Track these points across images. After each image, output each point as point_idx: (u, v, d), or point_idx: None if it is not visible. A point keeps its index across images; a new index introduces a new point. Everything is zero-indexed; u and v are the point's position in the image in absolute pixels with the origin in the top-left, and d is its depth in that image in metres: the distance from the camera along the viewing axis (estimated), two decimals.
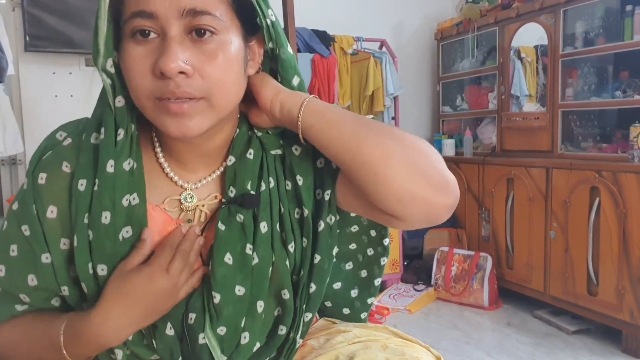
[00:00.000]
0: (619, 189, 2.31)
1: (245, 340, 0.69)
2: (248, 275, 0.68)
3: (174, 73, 0.57)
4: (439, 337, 2.56)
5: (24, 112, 2.77)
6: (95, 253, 0.64)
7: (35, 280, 0.66)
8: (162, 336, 0.67)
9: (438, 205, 0.62)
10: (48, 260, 0.65)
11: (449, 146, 3.53)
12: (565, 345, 2.44)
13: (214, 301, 0.66)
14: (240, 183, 0.69)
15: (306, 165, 0.72)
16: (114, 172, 0.64)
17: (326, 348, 0.77)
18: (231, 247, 0.67)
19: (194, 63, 0.59)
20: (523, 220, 2.86)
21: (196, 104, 0.60)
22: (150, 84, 0.59)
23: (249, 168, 0.70)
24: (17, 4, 2.66)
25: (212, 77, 0.60)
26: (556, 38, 2.78)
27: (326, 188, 0.71)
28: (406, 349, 0.74)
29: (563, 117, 2.82)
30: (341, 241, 0.82)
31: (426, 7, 3.87)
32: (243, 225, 0.68)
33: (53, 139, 0.69)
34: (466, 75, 3.55)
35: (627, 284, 2.29)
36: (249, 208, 0.68)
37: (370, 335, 0.79)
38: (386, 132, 0.63)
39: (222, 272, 0.66)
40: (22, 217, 0.66)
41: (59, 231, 0.65)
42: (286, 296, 0.70)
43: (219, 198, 0.71)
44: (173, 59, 0.57)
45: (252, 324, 0.69)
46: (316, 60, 3.15)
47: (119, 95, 0.64)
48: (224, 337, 0.67)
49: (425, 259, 3.32)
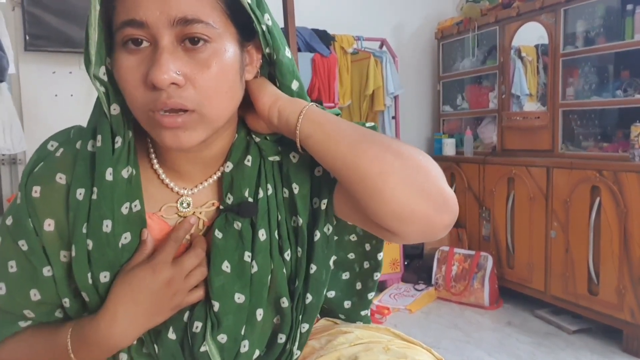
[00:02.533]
0: (619, 189, 2.31)
1: (245, 349, 0.68)
2: (247, 284, 0.67)
3: (165, 85, 0.56)
4: (440, 336, 2.56)
5: (24, 111, 2.77)
6: (96, 262, 0.63)
7: (38, 295, 0.65)
8: (164, 341, 0.67)
9: (436, 223, 0.60)
10: (49, 273, 0.64)
11: (449, 146, 3.53)
12: (566, 344, 2.44)
13: (214, 309, 0.66)
14: (237, 190, 0.68)
15: (303, 173, 0.71)
16: (112, 180, 0.63)
17: (328, 349, 0.77)
18: (229, 255, 0.66)
19: (186, 72, 0.57)
20: (524, 220, 2.86)
21: (189, 118, 0.59)
22: (142, 96, 0.58)
23: (247, 175, 0.69)
24: (17, 3, 2.66)
25: (204, 87, 0.58)
26: (557, 37, 2.78)
27: (323, 197, 0.70)
28: (408, 351, 0.74)
29: (564, 116, 2.82)
30: (341, 248, 0.81)
31: (426, 7, 3.87)
32: (241, 233, 0.67)
33: (44, 150, 0.67)
34: (467, 74, 3.55)
35: (628, 284, 2.29)
36: (246, 216, 0.67)
37: (372, 337, 0.79)
38: (386, 146, 0.61)
39: (220, 280, 0.66)
40: (17, 232, 0.64)
41: (58, 244, 0.64)
42: (285, 304, 0.70)
43: (216, 205, 0.70)
44: (164, 70, 0.55)
45: (252, 332, 0.69)
46: (316, 59, 3.14)
47: (114, 102, 0.63)
48: (224, 345, 0.67)
49: (426, 259, 3.32)
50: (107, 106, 0.63)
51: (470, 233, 3.28)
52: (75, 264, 0.63)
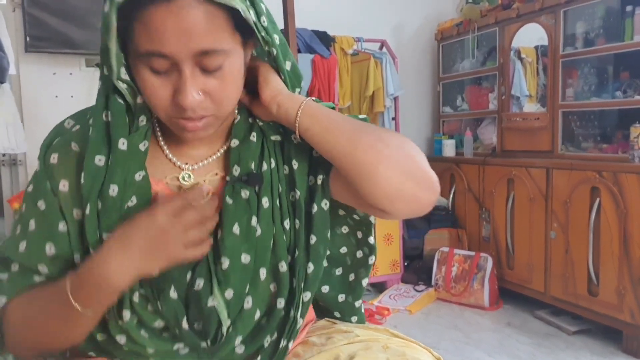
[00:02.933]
0: (619, 189, 2.31)
1: (248, 305, 0.73)
2: (253, 246, 0.73)
3: (190, 108, 0.65)
4: (439, 337, 2.56)
5: (24, 112, 2.77)
6: (103, 222, 0.69)
7: (53, 248, 0.71)
8: (166, 299, 0.69)
9: (423, 201, 0.70)
10: (64, 228, 0.71)
11: (449, 146, 3.53)
12: (566, 345, 2.44)
13: (222, 267, 0.71)
14: (244, 163, 0.75)
15: (303, 153, 0.78)
16: (125, 150, 0.70)
17: (327, 345, 0.79)
18: (238, 219, 0.72)
19: (206, 90, 0.66)
20: (523, 221, 2.86)
21: (207, 121, 0.68)
22: (168, 108, 0.67)
23: (252, 149, 0.76)
24: (17, 4, 2.67)
25: (220, 98, 0.67)
26: (556, 38, 2.78)
27: (319, 174, 0.77)
28: (407, 349, 0.76)
29: (563, 117, 2.82)
30: (333, 244, 0.85)
31: (426, 8, 3.87)
32: (248, 200, 0.73)
33: (62, 127, 0.76)
34: (466, 75, 3.55)
35: (628, 284, 2.29)
36: (253, 185, 0.74)
37: (371, 336, 0.80)
38: (377, 136, 0.70)
39: (231, 241, 0.71)
40: (36, 194, 0.72)
41: (71, 203, 0.71)
42: (283, 269, 0.75)
43: (219, 175, 0.77)
44: (189, 97, 0.64)
45: (255, 290, 0.74)
46: (316, 60, 3.15)
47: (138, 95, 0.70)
48: (230, 301, 0.71)
49: (426, 260, 3.32)
50: (132, 98, 0.70)
51: (470, 234, 3.28)
52: (87, 221, 0.69)
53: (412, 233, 3.39)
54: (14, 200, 2.46)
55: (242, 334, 0.73)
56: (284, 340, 0.75)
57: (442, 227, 3.35)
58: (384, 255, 3.22)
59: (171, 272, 0.69)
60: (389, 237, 3.24)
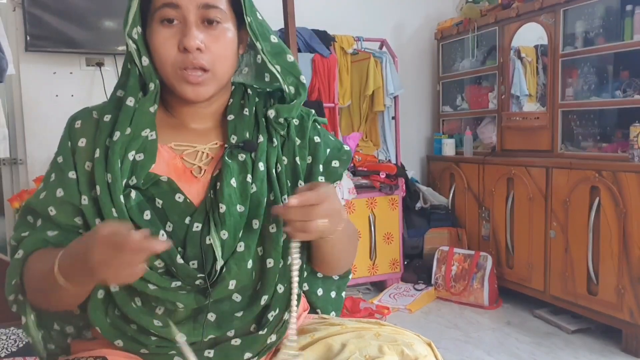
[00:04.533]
0: (619, 189, 2.31)
1: (240, 248, 0.82)
2: (247, 199, 0.83)
3: (194, 48, 0.79)
4: (439, 336, 2.56)
5: (24, 112, 2.77)
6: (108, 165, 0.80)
7: (62, 192, 0.81)
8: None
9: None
10: (73, 176, 0.82)
11: (449, 146, 3.53)
12: (565, 344, 2.45)
13: (220, 211, 0.80)
14: (240, 132, 0.88)
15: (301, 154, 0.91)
16: (133, 106, 0.82)
17: (320, 331, 0.85)
18: (235, 174, 0.84)
19: (205, 42, 0.80)
20: (523, 220, 2.86)
21: (206, 76, 0.81)
22: (175, 57, 0.80)
23: (246, 122, 0.89)
24: (17, 4, 2.67)
25: (216, 53, 0.81)
26: (556, 38, 2.78)
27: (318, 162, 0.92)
28: (398, 335, 0.83)
29: (563, 116, 2.82)
30: None
31: (426, 7, 3.87)
32: (244, 162, 0.85)
33: (85, 109, 0.88)
34: (466, 75, 3.55)
35: (627, 283, 2.30)
36: (249, 150, 0.86)
37: (364, 327, 0.86)
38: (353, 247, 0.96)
39: (228, 191, 0.81)
40: (58, 152, 0.85)
41: (84, 155, 0.82)
42: (273, 230, 0.83)
43: (219, 144, 0.88)
44: (194, 39, 0.79)
45: (247, 237, 0.83)
46: (316, 60, 3.15)
47: (143, 55, 0.83)
48: (225, 241, 0.80)
49: (426, 259, 3.33)
50: (138, 59, 0.83)
51: (469, 233, 3.28)
52: (96, 164, 0.80)
53: (412, 232, 3.39)
54: (14, 199, 2.46)
55: (236, 279, 0.80)
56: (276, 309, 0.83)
57: (442, 226, 3.35)
58: (384, 254, 3.22)
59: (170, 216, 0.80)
60: (388, 236, 3.24)
